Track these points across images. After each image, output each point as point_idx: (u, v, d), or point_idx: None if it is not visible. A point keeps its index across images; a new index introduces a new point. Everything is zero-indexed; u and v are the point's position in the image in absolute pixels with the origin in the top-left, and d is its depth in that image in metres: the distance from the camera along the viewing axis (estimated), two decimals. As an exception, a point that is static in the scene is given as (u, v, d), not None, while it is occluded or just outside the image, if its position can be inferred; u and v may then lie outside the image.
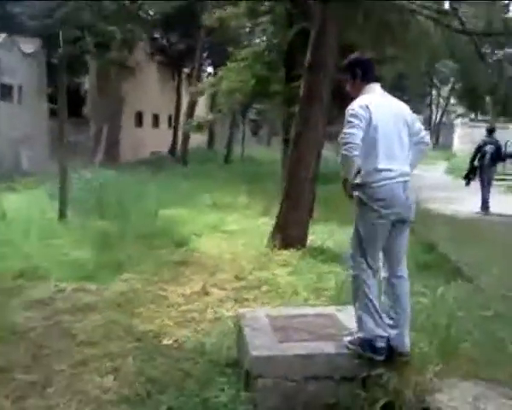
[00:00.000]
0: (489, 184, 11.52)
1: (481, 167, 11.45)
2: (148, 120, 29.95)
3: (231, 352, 3.66)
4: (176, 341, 4.02)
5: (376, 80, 3.28)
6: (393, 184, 3.02)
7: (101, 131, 20.01)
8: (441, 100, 46.24)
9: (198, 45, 17.51)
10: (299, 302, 4.70)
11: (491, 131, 11.93)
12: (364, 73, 3.23)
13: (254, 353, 2.98)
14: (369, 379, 2.98)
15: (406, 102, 3.43)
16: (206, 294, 5.13)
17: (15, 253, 6.51)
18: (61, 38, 8.37)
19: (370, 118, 3.02)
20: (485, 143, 11.58)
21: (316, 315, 3.65)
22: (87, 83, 24.95)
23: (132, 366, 3.58)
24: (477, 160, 11.48)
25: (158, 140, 29.55)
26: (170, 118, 33.00)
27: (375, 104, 3.09)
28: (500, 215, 10.61)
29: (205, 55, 30.13)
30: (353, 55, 3.41)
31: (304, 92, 6.54)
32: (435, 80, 42.82)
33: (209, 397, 3.06)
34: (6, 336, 4.08)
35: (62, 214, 8.67)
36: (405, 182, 3.08)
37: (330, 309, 3.83)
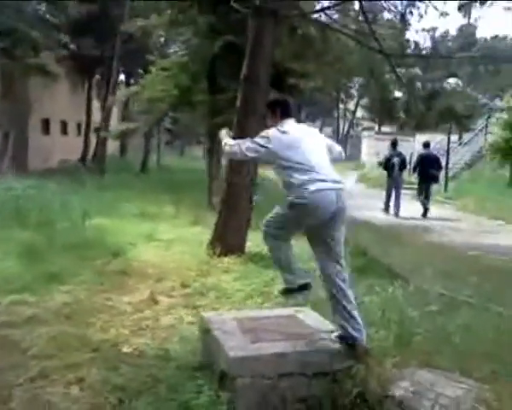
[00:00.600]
0: (398, 191, 12.87)
1: (390, 177, 12.92)
2: (55, 127, 28.70)
3: (196, 356, 3.71)
4: (136, 349, 3.99)
5: (291, 116, 3.66)
6: (327, 191, 3.29)
7: (7, 138, 18.87)
8: (347, 113, 48.71)
9: (115, 53, 17.09)
10: (251, 307, 4.83)
11: (394, 145, 13.34)
12: (283, 111, 3.63)
13: (231, 354, 3.07)
14: (339, 374, 3.18)
15: (316, 115, 3.86)
16: (155, 302, 5.10)
17: None
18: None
19: (290, 140, 3.42)
20: (391, 156, 13.03)
21: (278, 317, 3.81)
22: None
23: (97, 375, 3.51)
24: (386, 170, 13.10)
25: (67, 148, 28.41)
26: (78, 125, 31.86)
27: (293, 130, 3.53)
28: (412, 219, 11.58)
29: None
30: (273, 96, 4.02)
31: (240, 104, 6.71)
32: (342, 95, 45.07)
33: (187, 400, 3.10)
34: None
35: (-22, 225, 8.15)
36: (338, 189, 3.35)
37: (289, 311, 4.00)
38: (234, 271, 6.11)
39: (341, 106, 48.15)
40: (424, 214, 12.39)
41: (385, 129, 36.53)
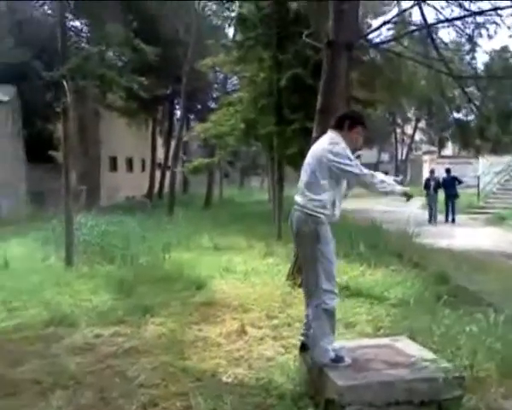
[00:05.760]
0: (435, 204, 17.28)
1: (428, 195, 17.69)
2: (122, 164, 30.07)
3: (296, 386, 3.80)
4: (235, 378, 4.14)
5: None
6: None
7: (85, 177, 20.00)
8: (405, 138, 48.06)
9: (182, 90, 17.73)
10: (337, 338, 4.88)
11: (432, 172, 18.58)
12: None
13: (340, 382, 3.16)
14: (446, 403, 3.19)
15: (373, 141, 3.87)
16: (245, 333, 5.26)
17: (37, 301, 6.52)
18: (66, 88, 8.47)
19: None
20: (429, 179, 18.02)
21: (376, 346, 3.85)
22: (60, 129, 24.89)
23: (203, 404, 3.68)
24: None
25: (132, 184, 29.66)
26: (143, 161, 33.19)
27: None
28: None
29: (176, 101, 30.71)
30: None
31: (317, 135, 6.85)
32: (399, 119, 44.63)
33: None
34: (66, 382, 4.12)
35: (69, 261, 8.64)
36: (293, 212, 3.76)
37: (385, 340, 4.04)
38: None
39: (398, 130, 47.63)
40: (447, 220, 17.06)
41: (445, 152, 35.92)
